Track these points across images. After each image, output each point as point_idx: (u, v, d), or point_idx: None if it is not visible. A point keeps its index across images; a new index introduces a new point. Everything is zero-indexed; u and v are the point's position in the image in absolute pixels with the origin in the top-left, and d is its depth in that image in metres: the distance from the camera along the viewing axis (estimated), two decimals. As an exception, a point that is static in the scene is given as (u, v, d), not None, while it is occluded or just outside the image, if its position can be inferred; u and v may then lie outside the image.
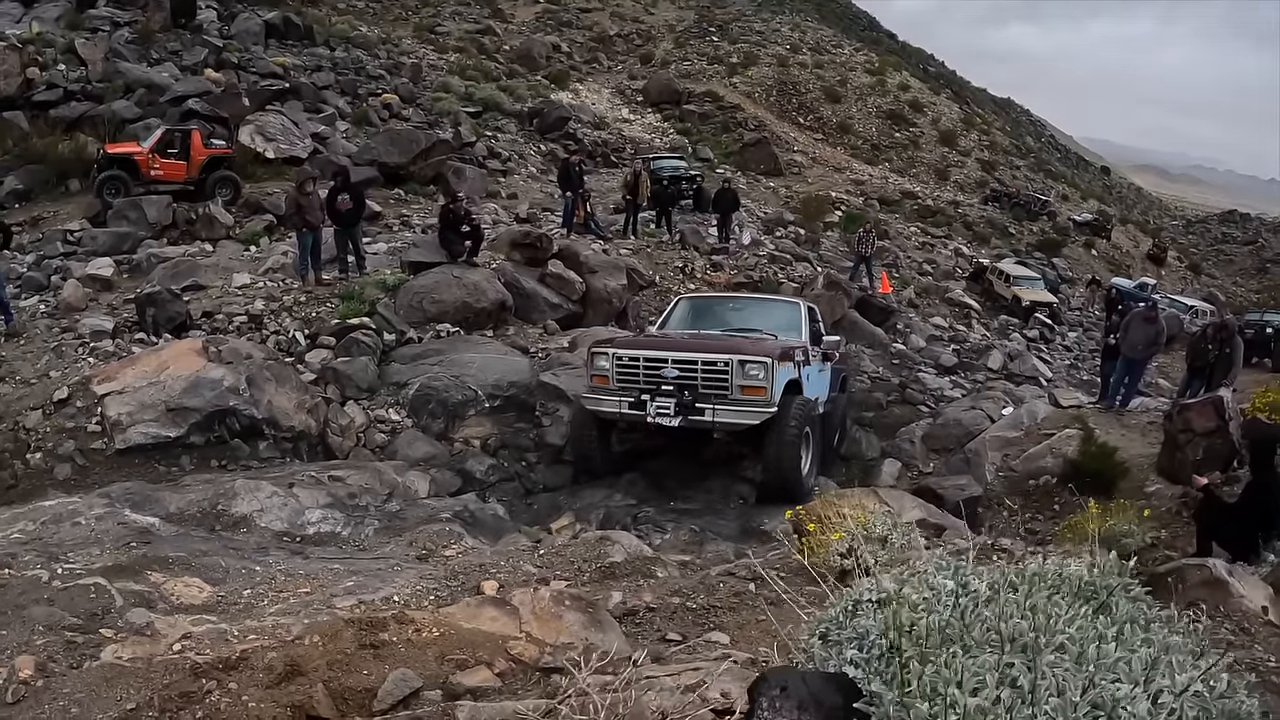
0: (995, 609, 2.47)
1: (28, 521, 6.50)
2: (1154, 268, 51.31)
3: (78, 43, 26.85)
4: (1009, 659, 2.22)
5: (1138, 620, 2.62)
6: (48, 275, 16.35)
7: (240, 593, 5.32)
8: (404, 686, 3.24)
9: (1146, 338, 14.11)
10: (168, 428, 10.06)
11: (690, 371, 10.27)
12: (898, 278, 28.09)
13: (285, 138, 25.49)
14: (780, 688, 2.26)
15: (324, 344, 13.52)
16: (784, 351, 10.63)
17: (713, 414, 10.17)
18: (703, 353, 10.55)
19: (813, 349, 12.09)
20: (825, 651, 2.67)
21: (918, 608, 2.51)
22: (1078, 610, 2.52)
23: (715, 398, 10.14)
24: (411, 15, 56.92)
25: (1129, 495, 10.83)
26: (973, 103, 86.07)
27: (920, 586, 2.74)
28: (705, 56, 64.25)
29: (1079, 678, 2.17)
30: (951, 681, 2.11)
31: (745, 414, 10.14)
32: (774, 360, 10.09)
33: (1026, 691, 2.12)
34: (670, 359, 10.43)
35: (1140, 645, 2.38)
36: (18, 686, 3.48)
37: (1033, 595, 2.63)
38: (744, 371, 10.09)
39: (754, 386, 10.06)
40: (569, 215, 21.85)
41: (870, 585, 2.83)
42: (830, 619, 2.82)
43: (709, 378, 10.22)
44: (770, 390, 9.98)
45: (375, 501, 8.97)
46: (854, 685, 2.33)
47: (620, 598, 5.10)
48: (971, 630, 2.37)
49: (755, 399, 10.07)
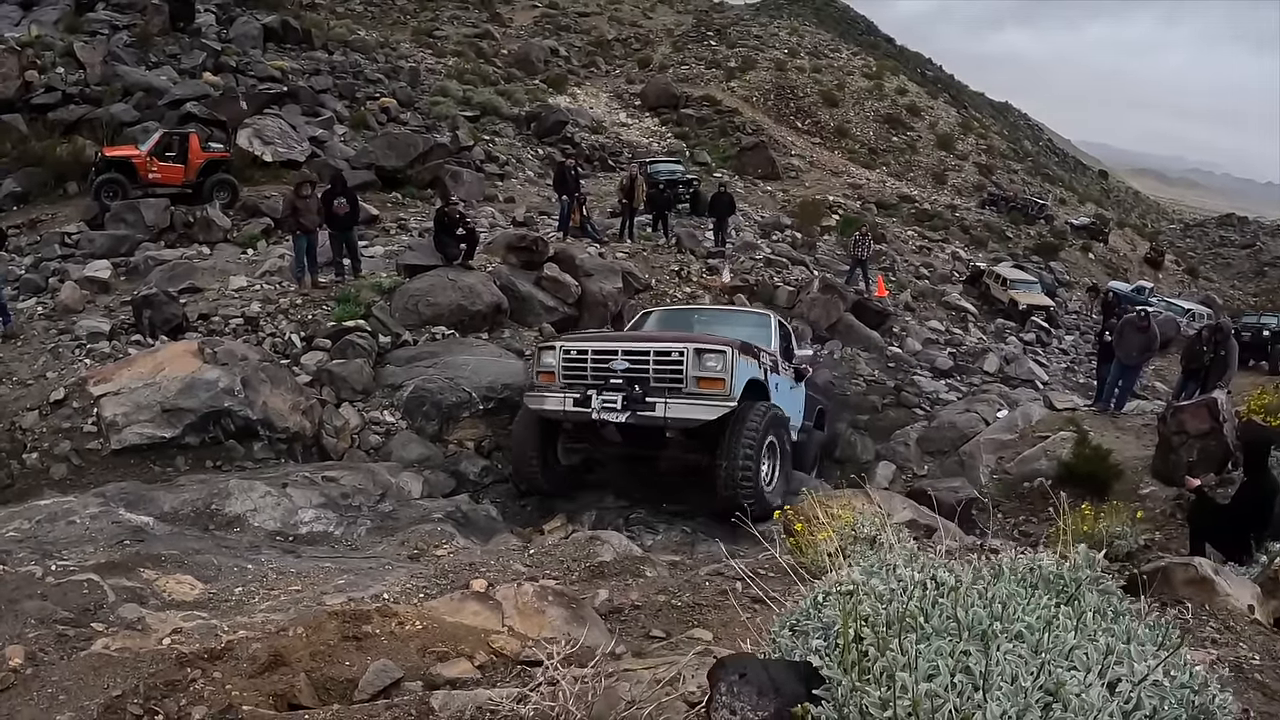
0: (955, 598, 2.51)
1: (23, 520, 6.57)
2: (1151, 271, 51.41)
3: (76, 46, 26.88)
4: (964, 646, 2.24)
5: (1104, 611, 2.67)
6: (45, 277, 16.39)
7: (232, 590, 5.38)
8: (385, 677, 3.29)
9: (1139, 345, 14.20)
10: (163, 428, 10.12)
11: (642, 363, 9.49)
12: (894, 281, 28.17)
13: (283, 141, 25.54)
14: (739, 674, 2.28)
15: (319, 346, 13.57)
16: (746, 345, 9.86)
17: (665, 409, 9.29)
18: (655, 342, 9.83)
19: (784, 363, 11.45)
20: (792, 642, 2.72)
21: (883, 599, 2.58)
22: (1039, 600, 2.56)
23: (668, 391, 9.31)
24: (410, 19, 57.06)
25: (1123, 497, 10.88)
26: (970, 106, 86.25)
27: (888, 579, 2.79)
28: (703, 61, 64.44)
29: (1033, 664, 2.19)
30: (905, 667, 2.14)
31: (701, 408, 9.21)
32: (733, 350, 9.31)
33: (979, 677, 2.13)
34: (620, 349, 9.72)
35: (1100, 634, 2.42)
36: (7, 674, 3.54)
37: (996, 586, 2.69)
38: (700, 362, 9.25)
39: (712, 379, 9.22)
40: (565, 219, 21.93)
41: (839, 579, 2.88)
42: (800, 611, 2.87)
43: (662, 369, 9.39)
44: (729, 383, 9.16)
45: (368, 502, 9.05)
46: (815, 672, 2.36)
47: (607, 595, 5.14)
48: (931, 619, 2.41)
49: (713, 393, 9.21)
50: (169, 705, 3.09)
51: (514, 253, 17.39)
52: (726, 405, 9.13)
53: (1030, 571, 3.00)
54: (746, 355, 9.65)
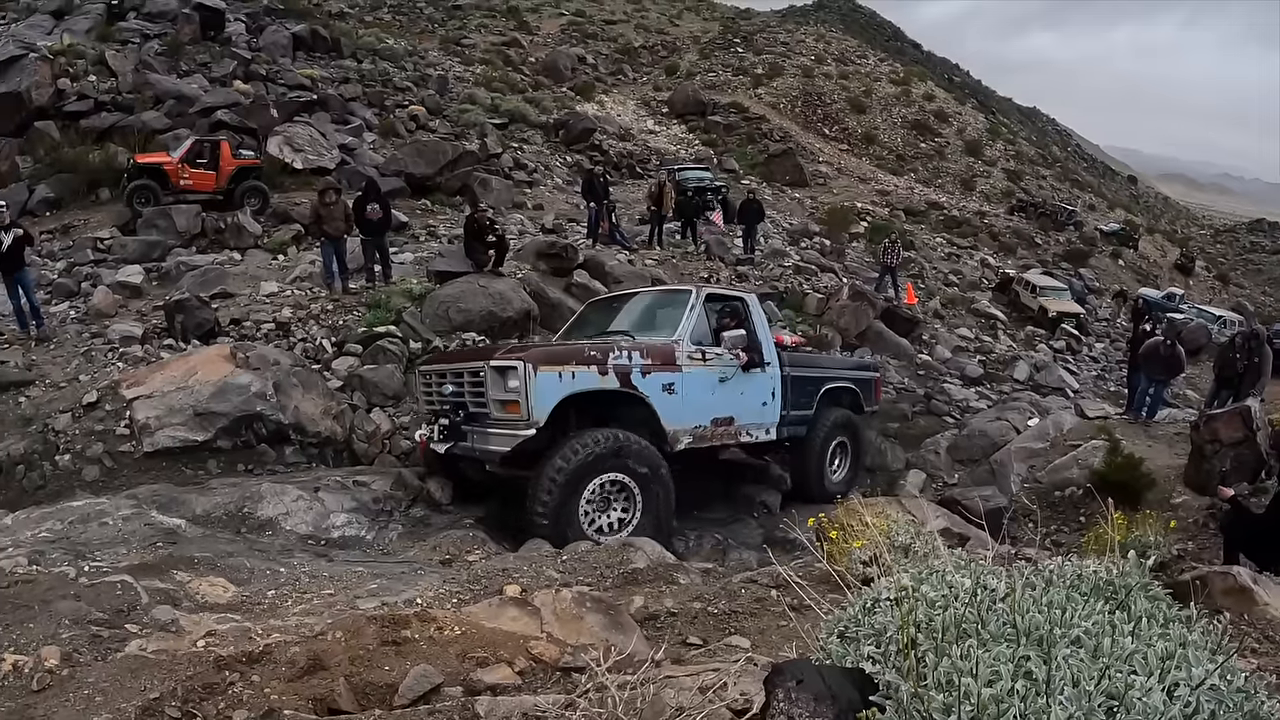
0: (1011, 604, 2.50)
1: (56, 520, 6.59)
2: (1182, 278, 50.93)
3: (108, 54, 27.19)
4: (1024, 652, 2.25)
5: (1155, 617, 2.64)
6: (78, 282, 16.51)
7: (264, 593, 5.35)
8: (425, 682, 3.25)
9: (1164, 369, 14.24)
10: (195, 432, 10.14)
11: (459, 386, 8.54)
12: (923, 288, 27.96)
13: (313, 148, 25.70)
14: (796, 680, 2.28)
15: (350, 351, 13.60)
16: (551, 355, 8.18)
17: (473, 439, 8.34)
18: (468, 361, 8.75)
19: (713, 350, 9.49)
20: (843, 648, 2.72)
21: (934, 604, 2.55)
22: (1094, 606, 2.56)
23: (480, 418, 8.28)
24: (438, 28, 57.47)
25: (1155, 506, 10.76)
26: (998, 112, 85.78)
27: (938, 585, 2.79)
28: (730, 68, 64.38)
29: (1094, 669, 2.19)
30: (967, 673, 2.13)
31: (497, 438, 8.01)
32: (528, 365, 7.72)
33: (1041, 682, 2.13)
34: (449, 371, 8.81)
35: (1157, 640, 2.40)
36: (43, 675, 3.53)
37: (1050, 592, 2.67)
38: (501, 382, 7.92)
39: (510, 401, 7.85)
40: (594, 226, 21.91)
41: (888, 584, 2.88)
42: (849, 617, 2.87)
43: (474, 393, 8.31)
44: (526, 406, 7.69)
45: (400, 507, 9.02)
46: (869, 679, 2.36)
47: (642, 602, 5.09)
48: (987, 625, 2.41)
49: (512, 418, 7.87)
50: (208, 708, 3.06)
51: (544, 259, 17.42)
52: (522, 433, 7.78)
53: (1079, 578, 2.99)
54: (560, 365, 8.01)
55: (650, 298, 11.03)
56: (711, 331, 9.80)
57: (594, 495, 8.03)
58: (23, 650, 3.82)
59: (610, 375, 8.30)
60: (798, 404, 10.78)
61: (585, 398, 8.21)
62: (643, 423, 8.59)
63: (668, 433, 8.79)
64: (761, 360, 10.10)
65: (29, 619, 4.22)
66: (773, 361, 10.36)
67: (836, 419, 11.50)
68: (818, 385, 11.28)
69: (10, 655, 3.70)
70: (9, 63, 24.81)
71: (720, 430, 9.56)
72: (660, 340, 9.15)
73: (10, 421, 10.63)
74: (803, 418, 10.93)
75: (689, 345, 9.22)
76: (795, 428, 10.80)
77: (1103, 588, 2.90)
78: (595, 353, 8.37)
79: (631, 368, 8.50)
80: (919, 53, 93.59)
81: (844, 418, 11.69)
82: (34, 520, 6.70)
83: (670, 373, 8.84)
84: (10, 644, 3.91)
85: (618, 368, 8.38)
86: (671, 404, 8.79)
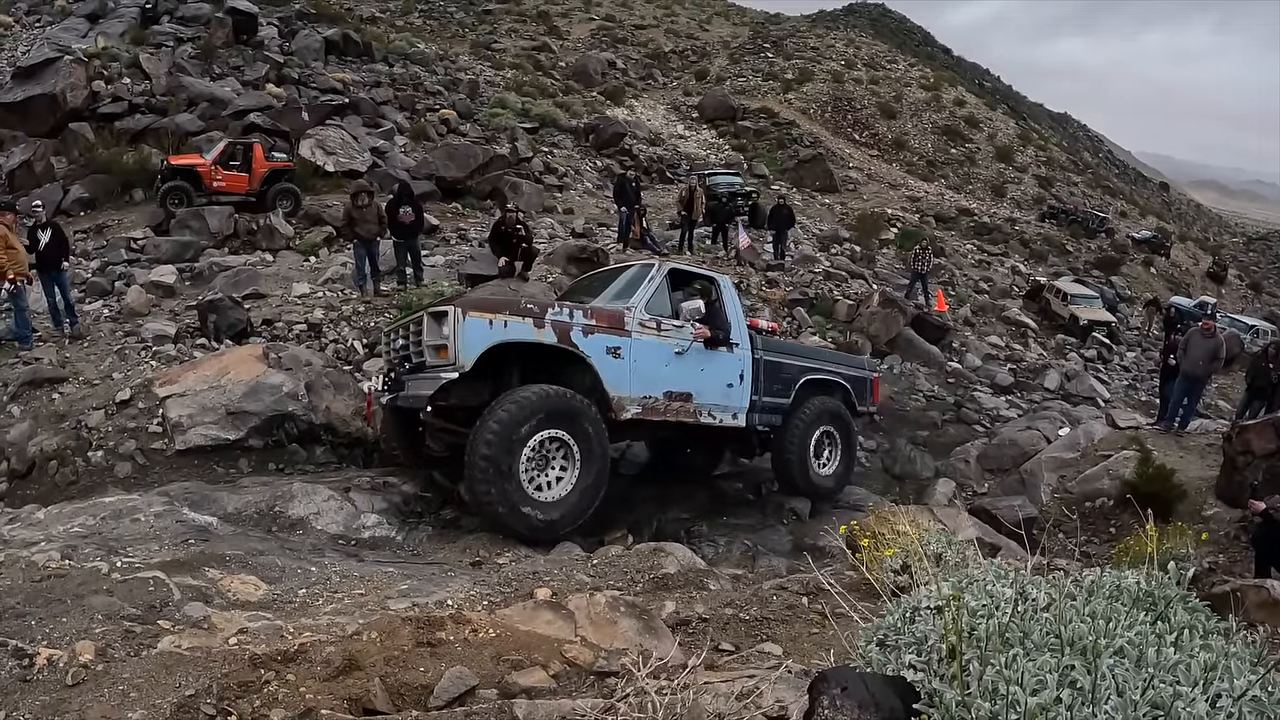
0: (1055, 613, 2.53)
1: (88, 516, 6.62)
2: (1214, 286, 50.36)
3: (142, 57, 27.58)
4: (1069, 661, 2.27)
5: (1195, 629, 2.66)
6: (111, 281, 16.67)
7: (295, 592, 5.35)
8: (460, 684, 3.23)
9: (1206, 353, 13.86)
10: (227, 430, 10.18)
11: (407, 339, 8.61)
12: (954, 295, 27.80)
13: (345, 151, 25.90)
14: (841, 687, 2.29)
15: (381, 353, 13.63)
16: (483, 303, 8.18)
17: (408, 386, 8.29)
18: (415, 313, 8.76)
19: (670, 322, 9.20)
20: (883, 657, 2.73)
21: (976, 613, 2.56)
22: (1136, 617, 2.58)
23: (420, 368, 8.25)
24: (468, 32, 57.72)
25: (1186, 518, 10.63)
26: (1029, 118, 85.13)
27: (979, 594, 2.79)
28: (760, 73, 64.37)
29: (1138, 679, 2.23)
30: (1013, 681, 2.16)
31: (426, 383, 7.90)
32: (458, 310, 7.72)
33: (1087, 692, 2.17)
34: (399, 326, 8.93)
35: (1199, 651, 2.43)
36: (78, 669, 3.52)
37: (1092, 603, 2.70)
38: (435, 328, 7.89)
39: (439, 345, 7.83)
40: (624, 230, 21.92)
41: (929, 592, 2.87)
42: (888, 626, 2.87)
43: (416, 343, 8.33)
44: (454, 349, 7.63)
45: (430, 508, 9.03)
46: (911, 688, 2.40)
47: (673, 607, 5.06)
48: (1031, 634, 2.43)
49: (441, 363, 7.83)
50: (243, 706, 3.05)
51: (575, 264, 17.47)
52: (448, 376, 7.68)
53: (1119, 589, 2.98)
54: (492, 313, 7.90)
55: (620, 272, 10.63)
56: (674, 307, 9.55)
57: (533, 453, 7.86)
58: (56, 644, 3.82)
59: (547, 330, 8.13)
60: (771, 390, 10.30)
61: (527, 356, 8.16)
62: (587, 388, 8.40)
63: (612, 399, 8.56)
64: (727, 339, 9.76)
65: (62, 613, 4.22)
66: (742, 343, 9.97)
67: (820, 407, 10.90)
68: (796, 374, 10.75)
69: (44, 649, 3.71)
70: (44, 65, 25.22)
71: (675, 405, 9.18)
72: (611, 305, 8.98)
73: (44, 417, 10.72)
74: (777, 405, 10.43)
75: (642, 313, 8.98)
76: (768, 415, 10.33)
77: (1143, 599, 2.91)
78: (532, 305, 8.28)
79: (572, 325, 8.32)
80: (949, 57, 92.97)
81: (830, 406, 11.07)
82: (66, 515, 6.74)
83: (617, 336, 8.63)
84: (44, 638, 3.91)
85: (556, 323, 8.19)
86: (618, 369, 8.59)
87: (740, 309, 10.36)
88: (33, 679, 3.50)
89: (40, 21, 31.06)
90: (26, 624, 4.07)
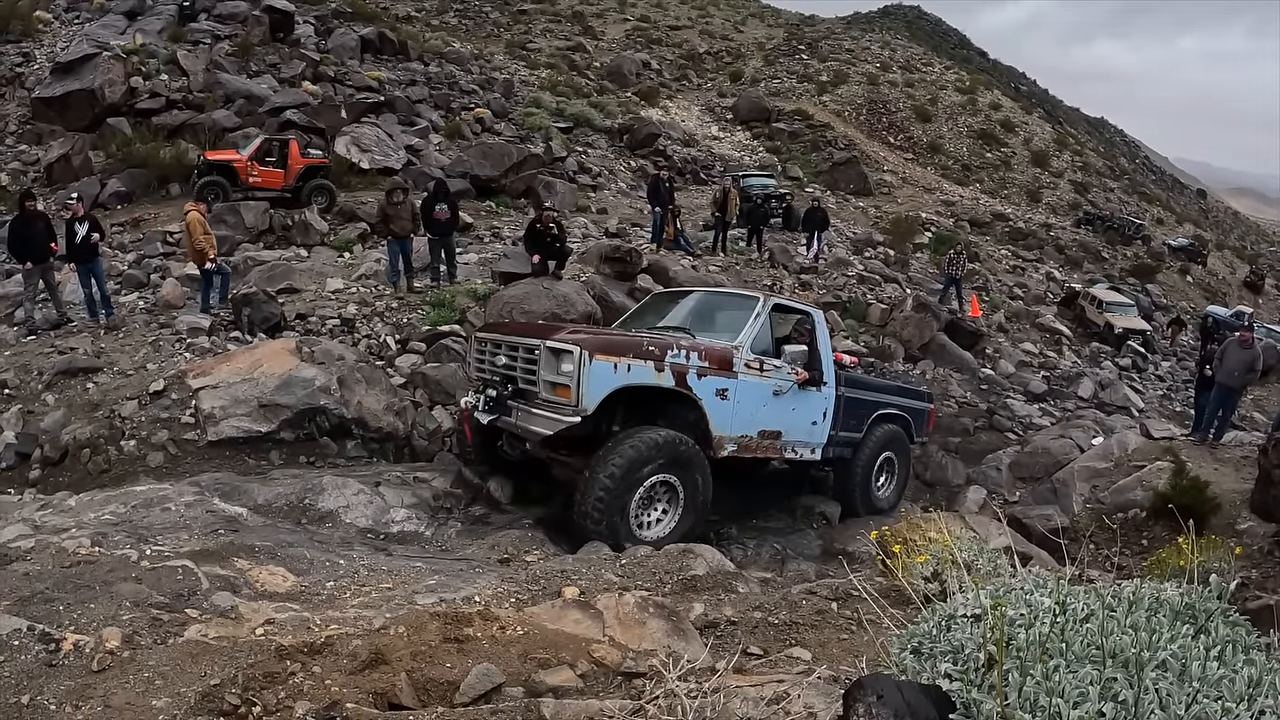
0: (1096, 625, 2.48)
1: (119, 504, 6.66)
2: (1251, 295, 49.64)
3: (179, 54, 27.93)
4: (1111, 673, 2.25)
5: (1236, 644, 2.62)
6: (147, 273, 16.80)
7: (323, 584, 5.35)
8: (487, 681, 3.20)
9: (1242, 364, 13.65)
10: (259, 423, 10.24)
11: (513, 359, 8.39)
12: (988, 301, 27.55)
13: (379, 149, 26.05)
14: (877, 694, 2.25)
15: (414, 349, 13.69)
16: (609, 344, 7.92)
17: (516, 415, 8.19)
18: (522, 336, 8.50)
19: (772, 362, 9.23)
20: (918, 665, 2.69)
21: (1014, 623, 2.54)
22: (1178, 630, 2.56)
23: (528, 395, 8.14)
24: (503, 32, 57.95)
25: (1220, 531, 10.43)
26: (1065, 122, 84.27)
27: (1017, 603, 2.77)
28: (795, 74, 64.21)
29: (1182, 694, 2.21)
30: (1054, 693, 2.15)
31: (543, 419, 7.83)
32: (583, 351, 7.55)
33: (1130, 705, 2.16)
34: (504, 342, 8.67)
35: (1242, 666, 2.40)
36: (104, 655, 3.52)
37: (1133, 615, 2.67)
38: (554, 363, 7.75)
39: (560, 384, 7.68)
40: (658, 230, 21.87)
41: (966, 600, 2.86)
42: (923, 633, 2.83)
43: (527, 369, 8.14)
44: (577, 393, 7.51)
45: (459, 505, 9.03)
46: (947, 697, 2.35)
47: (701, 609, 5.01)
48: (1072, 645, 2.40)
49: (561, 402, 7.71)
50: (268, 697, 3.03)
51: (608, 263, 17.43)
52: (568, 419, 7.62)
53: (1158, 601, 2.95)
54: (617, 356, 7.78)
55: (716, 298, 10.75)
56: (773, 342, 9.65)
57: (645, 492, 7.93)
58: (83, 630, 3.83)
59: (667, 373, 8.11)
60: (847, 426, 10.50)
61: (637, 392, 8.07)
62: (691, 425, 8.43)
63: (714, 438, 8.59)
64: (820, 379, 9.82)
65: (90, 599, 4.23)
66: (830, 382, 10.08)
67: (885, 436, 11.17)
68: (870, 409, 10.96)
69: (71, 635, 3.71)
70: (83, 61, 25.56)
71: (766, 443, 9.31)
72: (720, 344, 8.91)
73: (78, 406, 10.83)
74: (850, 440, 10.65)
75: (748, 353, 8.97)
76: (841, 449, 10.55)
77: (1183, 612, 2.89)
78: (654, 348, 8.14)
79: (689, 368, 8.30)
80: (985, 60, 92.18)
81: (893, 434, 11.35)
82: (97, 503, 6.78)
83: (726, 378, 8.64)
84: (71, 623, 3.92)
85: (675, 366, 8.18)
86: (723, 410, 8.61)
87: (829, 344, 10.39)
88: (58, 664, 3.51)
89: (79, 18, 31.47)
90: (54, 609, 4.08)
